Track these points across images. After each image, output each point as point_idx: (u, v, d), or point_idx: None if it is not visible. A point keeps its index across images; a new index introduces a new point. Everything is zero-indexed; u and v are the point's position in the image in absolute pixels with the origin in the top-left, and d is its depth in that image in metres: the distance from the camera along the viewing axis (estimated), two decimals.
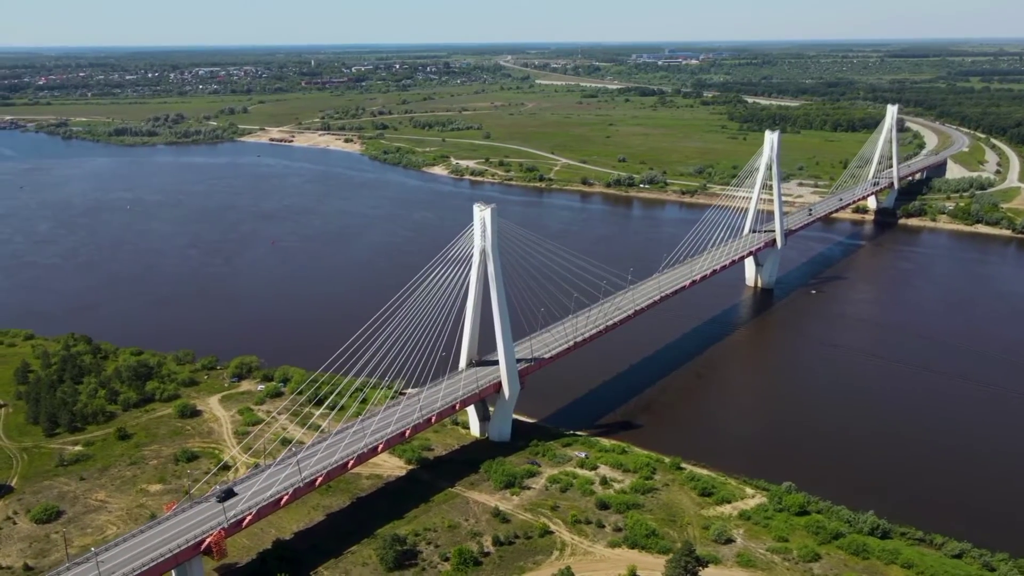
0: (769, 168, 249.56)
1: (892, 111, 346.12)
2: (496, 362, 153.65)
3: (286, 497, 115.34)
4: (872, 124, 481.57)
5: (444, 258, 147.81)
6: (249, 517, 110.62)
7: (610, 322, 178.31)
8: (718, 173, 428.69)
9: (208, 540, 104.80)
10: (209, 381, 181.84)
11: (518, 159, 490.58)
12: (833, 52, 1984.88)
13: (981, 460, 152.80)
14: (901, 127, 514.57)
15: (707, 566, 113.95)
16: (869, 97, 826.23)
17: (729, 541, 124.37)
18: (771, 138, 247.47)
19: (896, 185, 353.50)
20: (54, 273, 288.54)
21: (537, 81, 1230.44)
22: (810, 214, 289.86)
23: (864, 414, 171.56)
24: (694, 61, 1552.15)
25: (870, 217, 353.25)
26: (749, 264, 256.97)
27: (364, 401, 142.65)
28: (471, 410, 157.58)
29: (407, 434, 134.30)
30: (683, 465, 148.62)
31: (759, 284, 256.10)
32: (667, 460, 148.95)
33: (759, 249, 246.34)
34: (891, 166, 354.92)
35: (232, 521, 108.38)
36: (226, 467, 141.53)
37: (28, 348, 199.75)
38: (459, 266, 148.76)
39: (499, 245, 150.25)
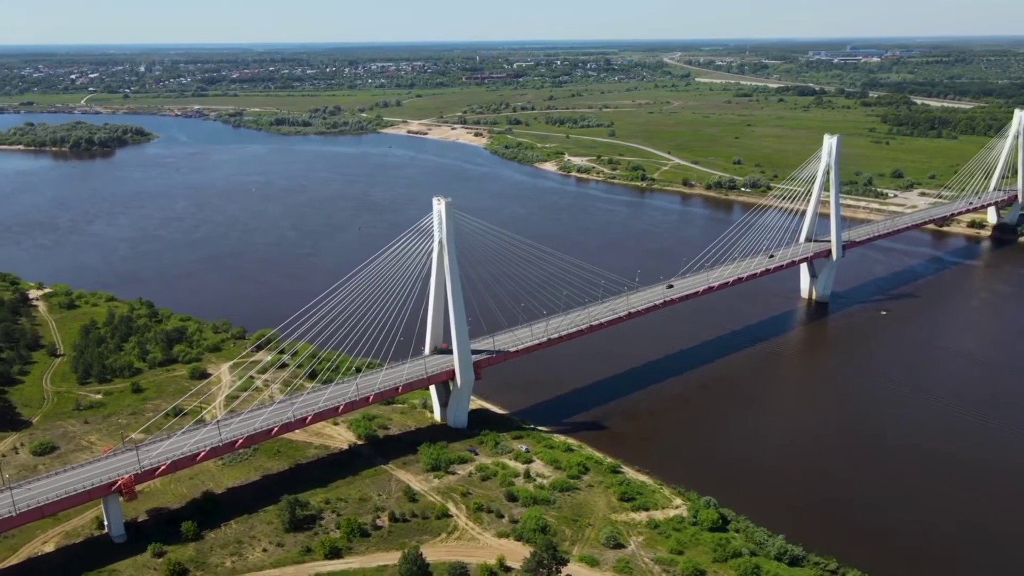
0: (827, 174, 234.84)
1: (1020, 116, 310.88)
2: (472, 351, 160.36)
3: (203, 453, 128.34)
4: None
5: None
6: (162, 467, 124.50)
7: (595, 323, 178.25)
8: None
9: (119, 482, 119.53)
10: (231, 349, 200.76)
11: (631, 157, 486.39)
12: None
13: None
14: None
15: (566, 563, 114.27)
16: None
17: (619, 546, 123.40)
18: (829, 143, 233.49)
19: (1022, 199, 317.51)
20: (169, 246, 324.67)
21: (697, 79, 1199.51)
22: (884, 226, 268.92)
23: (876, 466, 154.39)
24: (875, 59, 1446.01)
25: (987, 232, 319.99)
26: (804, 275, 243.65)
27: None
28: (434, 395, 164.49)
29: (340, 409, 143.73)
30: (623, 469, 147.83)
31: (813, 296, 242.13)
32: (607, 463, 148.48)
33: (806, 259, 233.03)
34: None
35: (145, 469, 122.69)
36: (202, 422, 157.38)
37: (104, 308, 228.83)
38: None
39: (456, 238, 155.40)
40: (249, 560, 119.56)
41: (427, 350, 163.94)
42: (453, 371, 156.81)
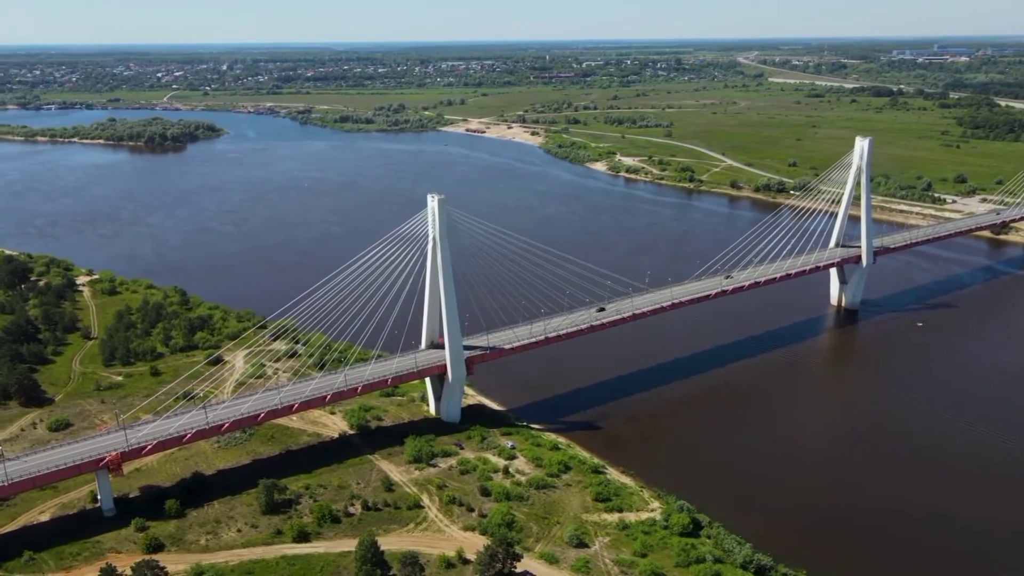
0: (858, 177, 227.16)
1: None
2: (466, 347, 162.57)
3: (189, 435, 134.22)
4: None
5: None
6: (149, 447, 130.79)
7: (595, 323, 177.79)
8: (894, 184, 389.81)
9: (107, 459, 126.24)
10: (250, 337, 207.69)
11: (683, 158, 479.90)
12: None
13: None
14: None
15: (520, 559, 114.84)
16: None
17: (583, 546, 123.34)
18: (861, 145, 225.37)
19: None
20: (218, 238, 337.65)
21: (770, 79, 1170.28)
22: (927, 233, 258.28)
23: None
24: (963, 58, 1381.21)
25: None
26: (833, 280, 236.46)
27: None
28: (429, 389, 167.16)
29: (327, 399, 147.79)
30: (607, 470, 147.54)
31: (842, 304, 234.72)
32: (591, 463, 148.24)
33: (832, 265, 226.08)
34: None
35: (133, 448, 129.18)
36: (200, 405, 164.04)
37: (143, 295, 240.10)
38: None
39: (449, 234, 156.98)
40: (223, 539, 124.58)
41: (423, 344, 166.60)
42: (444, 366, 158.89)
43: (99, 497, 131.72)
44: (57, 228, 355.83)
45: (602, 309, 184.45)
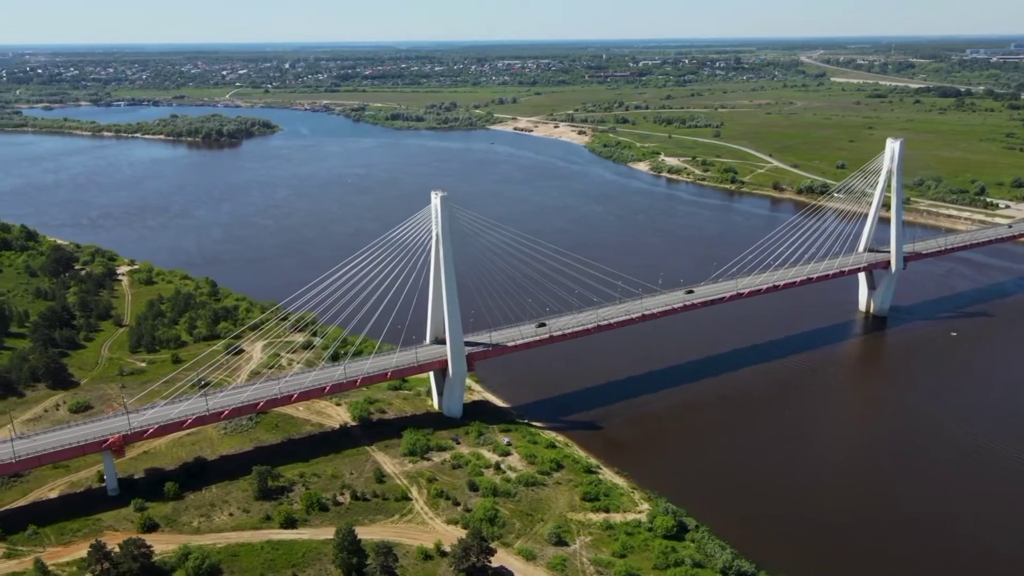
0: (888, 180, 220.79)
1: None
2: (468, 343, 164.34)
3: (189, 421, 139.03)
4: None
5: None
6: (150, 430, 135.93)
7: (602, 323, 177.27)
8: (944, 187, 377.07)
9: (110, 440, 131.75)
10: (271, 328, 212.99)
11: (728, 159, 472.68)
12: None
13: None
14: None
15: (493, 553, 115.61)
16: None
17: (563, 544, 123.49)
18: (892, 147, 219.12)
19: None
20: (259, 232, 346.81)
21: (832, 79, 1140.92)
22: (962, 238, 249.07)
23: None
24: None
25: None
26: (862, 286, 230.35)
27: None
28: (433, 383, 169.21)
29: (326, 390, 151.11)
30: (601, 470, 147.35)
31: (870, 310, 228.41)
32: (585, 462, 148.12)
33: (857, 270, 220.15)
34: None
35: (135, 431, 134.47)
36: (206, 392, 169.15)
37: (176, 284, 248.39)
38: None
39: (451, 231, 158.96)
40: (215, 522, 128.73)
41: (427, 339, 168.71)
42: (445, 361, 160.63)
43: (104, 477, 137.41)
44: (109, 220, 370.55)
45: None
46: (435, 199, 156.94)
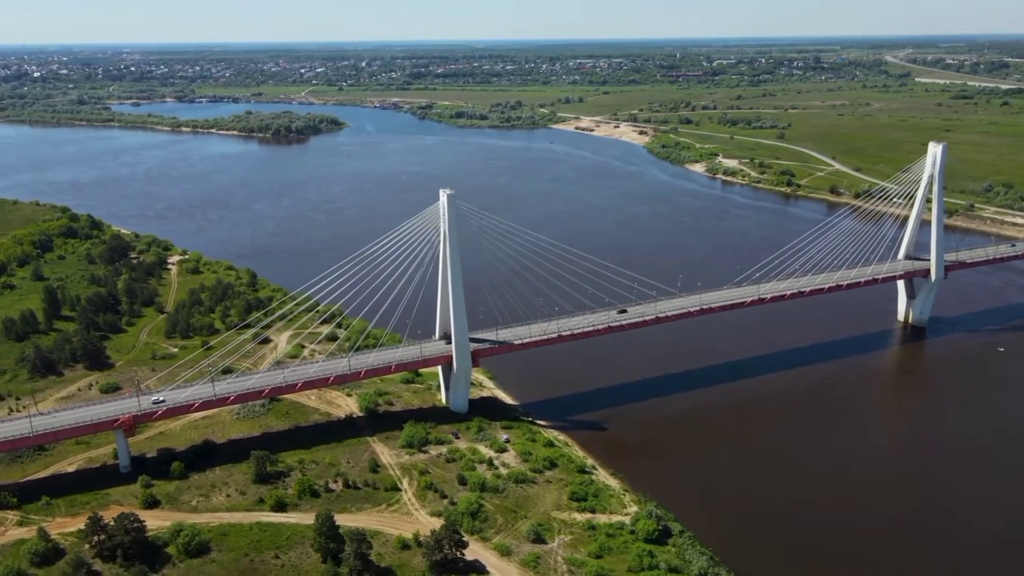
0: (930, 185, 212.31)
1: None
2: (474, 339, 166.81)
3: (196, 405, 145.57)
4: None
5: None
6: (159, 412, 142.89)
7: (614, 324, 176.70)
8: (1014, 195, 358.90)
9: (121, 420, 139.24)
10: (299, 319, 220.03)
11: (788, 161, 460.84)
12: None
13: None
14: None
15: (466, 546, 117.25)
16: None
17: (540, 542, 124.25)
18: (934, 151, 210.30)
19: None
20: (310, 225, 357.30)
21: (917, 79, 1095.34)
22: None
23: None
24: None
25: None
26: (901, 295, 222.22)
27: None
28: (441, 378, 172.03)
29: (330, 380, 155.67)
30: (596, 471, 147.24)
31: (909, 319, 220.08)
32: (579, 462, 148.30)
33: (893, 278, 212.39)
34: None
35: (144, 412, 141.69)
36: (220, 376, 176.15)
37: (220, 274, 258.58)
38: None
39: (459, 229, 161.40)
40: (212, 502, 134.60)
41: (436, 334, 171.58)
42: (449, 356, 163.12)
43: (118, 454, 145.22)
44: (172, 212, 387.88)
45: (623, 311, 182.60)
46: (442, 197, 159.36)
